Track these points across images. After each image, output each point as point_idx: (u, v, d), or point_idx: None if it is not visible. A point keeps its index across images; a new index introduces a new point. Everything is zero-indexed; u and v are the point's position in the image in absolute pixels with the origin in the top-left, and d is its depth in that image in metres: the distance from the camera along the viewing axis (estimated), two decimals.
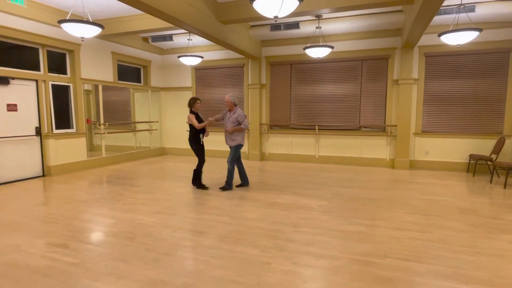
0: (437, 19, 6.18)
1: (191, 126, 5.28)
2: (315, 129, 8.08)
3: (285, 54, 8.23)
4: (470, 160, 6.83)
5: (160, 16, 4.86)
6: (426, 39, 6.94)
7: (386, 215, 4.05)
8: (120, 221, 3.84)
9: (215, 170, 6.99)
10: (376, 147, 7.69)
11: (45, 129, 6.39)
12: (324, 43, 6.93)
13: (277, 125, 8.56)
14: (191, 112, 5.29)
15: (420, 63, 7.16)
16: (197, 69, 9.14)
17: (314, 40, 7.42)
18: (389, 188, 5.51)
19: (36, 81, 6.24)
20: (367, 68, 7.61)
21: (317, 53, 6.55)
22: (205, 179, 5.84)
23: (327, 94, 8.00)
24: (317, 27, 6.80)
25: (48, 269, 2.67)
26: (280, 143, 8.56)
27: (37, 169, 6.35)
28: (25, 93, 6.08)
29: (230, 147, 5.31)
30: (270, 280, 2.48)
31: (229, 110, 5.29)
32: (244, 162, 8.41)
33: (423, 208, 4.34)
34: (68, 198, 4.82)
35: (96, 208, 4.36)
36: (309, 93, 8.15)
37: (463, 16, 5.81)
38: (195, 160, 8.81)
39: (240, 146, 5.32)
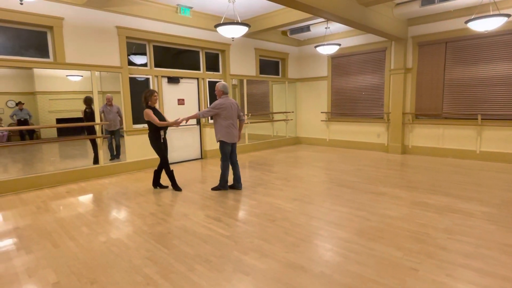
0: None
1: (149, 122, 4.68)
2: (476, 119, 6.67)
3: (439, 31, 7.04)
4: None
5: (300, 8, 4.94)
6: None
7: None
8: (261, 203, 4.20)
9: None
10: None
11: (203, 120, 7.59)
12: (496, 12, 5.55)
13: (425, 115, 7.49)
14: (147, 106, 4.67)
15: None
16: (333, 58, 8.93)
17: (480, 10, 6.05)
18: None
19: (197, 79, 7.45)
20: None
21: (485, 25, 5.31)
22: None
23: (496, 76, 6.44)
24: None
25: (207, 237, 3.18)
26: (427, 135, 7.48)
27: (197, 153, 7.65)
28: (190, 90, 7.36)
29: None
30: None
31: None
32: (382, 155, 7.90)
33: None
34: (218, 178, 5.59)
35: (241, 190, 4.91)
36: (470, 76, 6.75)
37: None
38: (329, 151, 8.72)
39: (223, 143, 4.60)
